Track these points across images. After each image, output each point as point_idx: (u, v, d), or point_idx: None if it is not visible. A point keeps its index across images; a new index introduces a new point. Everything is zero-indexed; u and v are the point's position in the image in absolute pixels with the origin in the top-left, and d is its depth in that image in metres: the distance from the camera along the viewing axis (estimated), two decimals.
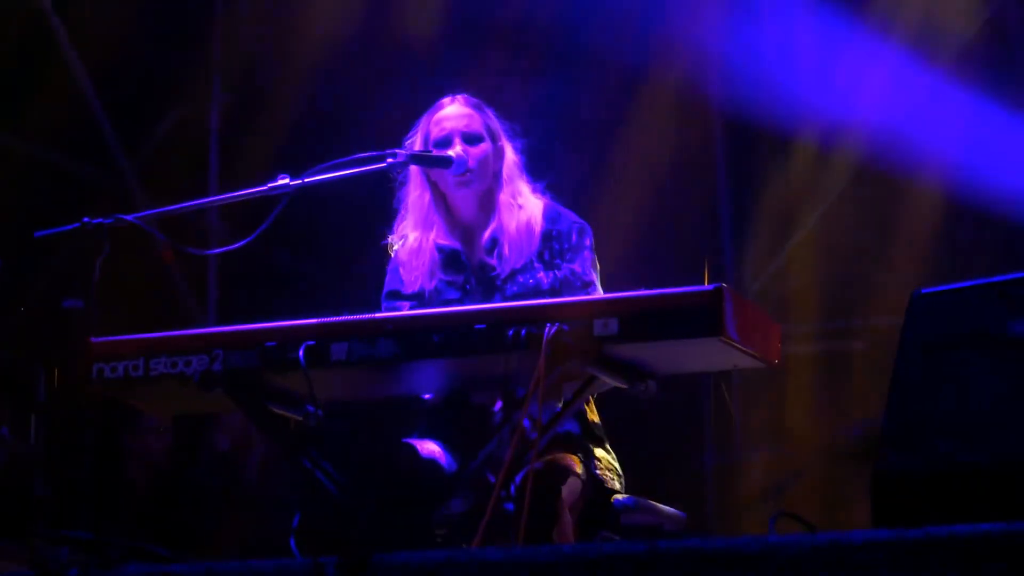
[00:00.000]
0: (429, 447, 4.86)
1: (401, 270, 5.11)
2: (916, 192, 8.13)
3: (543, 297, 4.81)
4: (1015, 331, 3.35)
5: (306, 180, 4.72)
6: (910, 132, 8.01)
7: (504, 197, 5.07)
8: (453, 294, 5.01)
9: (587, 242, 5.02)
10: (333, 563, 3.49)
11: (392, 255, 5.17)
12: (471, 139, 5.06)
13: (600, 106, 8.53)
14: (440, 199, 5.12)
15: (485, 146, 5.07)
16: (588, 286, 4.93)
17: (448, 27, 8.37)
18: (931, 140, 7.97)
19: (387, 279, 5.16)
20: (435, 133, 5.09)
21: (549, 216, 5.05)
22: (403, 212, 5.17)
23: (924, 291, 3.81)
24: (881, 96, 8.14)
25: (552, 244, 5.00)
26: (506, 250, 5.00)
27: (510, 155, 5.13)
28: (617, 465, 4.95)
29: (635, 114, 8.56)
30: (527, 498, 4.24)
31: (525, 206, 5.07)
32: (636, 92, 8.56)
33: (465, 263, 5.06)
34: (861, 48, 8.15)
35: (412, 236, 5.12)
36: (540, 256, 4.99)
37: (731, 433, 8.44)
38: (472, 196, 5.07)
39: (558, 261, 4.98)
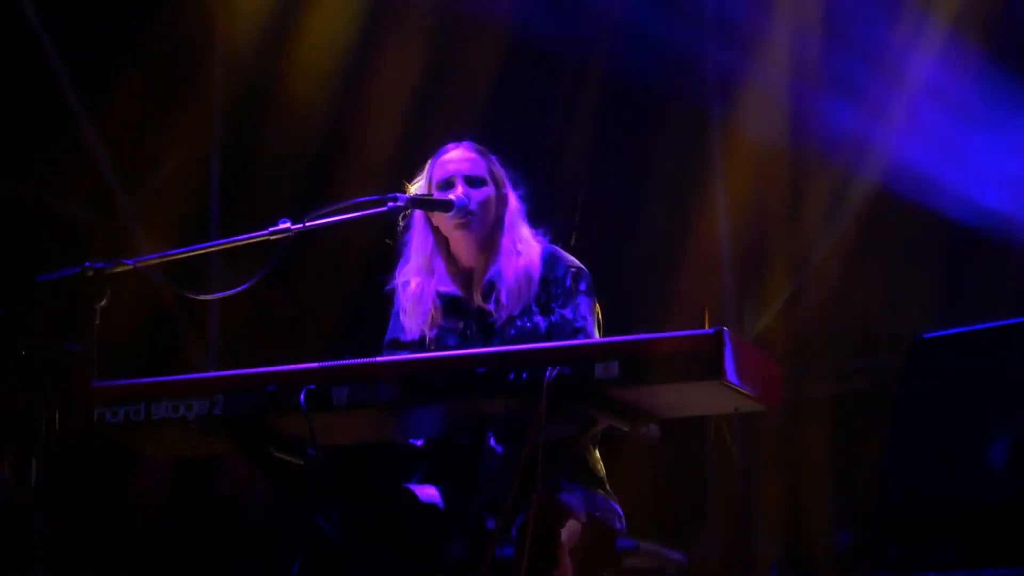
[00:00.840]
0: (428, 492, 4.85)
1: (402, 316, 5.11)
2: (928, 226, 8.12)
3: (541, 341, 4.80)
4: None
5: (307, 224, 4.73)
6: (926, 165, 8.01)
7: (505, 243, 5.07)
8: (453, 340, 5.01)
9: (582, 287, 5.01)
10: None
11: (394, 301, 5.17)
12: (474, 182, 5.08)
13: (596, 135, 8.54)
14: (442, 243, 5.12)
15: (487, 190, 5.09)
16: (578, 332, 4.91)
17: (448, 57, 8.40)
18: (948, 174, 7.96)
19: (389, 327, 5.16)
20: (439, 175, 5.11)
21: (547, 261, 5.05)
22: (406, 255, 5.18)
23: (925, 336, 3.82)
24: (897, 128, 8.13)
25: (549, 289, 5.00)
26: (503, 297, 5.00)
27: (513, 202, 5.14)
28: (617, 506, 4.94)
29: (634, 142, 8.56)
30: (527, 541, 4.23)
31: (525, 252, 5.07)
32: (634, 118, 8.56)
33: (464, 309, 5.06)
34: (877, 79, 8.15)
35: (414, 282, 5.12)
36: (538, 300, 4.99)
37: (734, 475, 8.42)
38: (472, 239, 5.07)
39: (553, 305, 4.98)
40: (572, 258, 5.09)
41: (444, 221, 5.06)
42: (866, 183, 8.28)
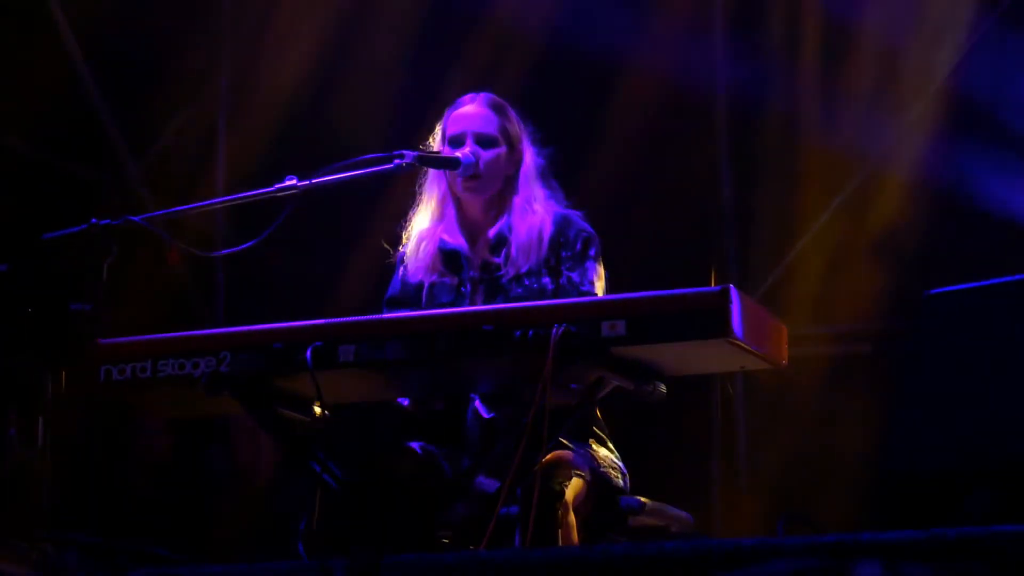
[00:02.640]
0: (429, 451, 4.86)
1: (407, 261, 5.11)
2: (923, 191, 8.11)
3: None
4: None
5: (314, 181, 4.72)
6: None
7: (518, 201, 5.05)
8: (446, 297, 5.00)
9: (591, 252, 4.99)
10: (343, 566, 3.48)
11: (396, 258, 5.17)
12: (484, 141, 5.05)
13: (598, 105, 8.51)
14: (452, 195, 5.11)
15: (498, 150, 5.05)
16: (584, 296, 4.90)
17: (455, 24, 8.38)
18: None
19: (390, 283, 5.16)
20: (451, 130, 5.09)
21: (559, 224, 5.03)
22: (418, 200, 5.17)
23: (933, 292, 3.82)
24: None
25: (559, 252, 4.99)
26: (513, 251, 4.98)
27: (528, 160, 5.11)
28: (620, 463, 4.95)
29: (635, 111, 8.53)
30: (534, 500, 4.24)
31: (539, 212, 5.05)
32: (637, 88, 8.53)
33: (465, 264, 5.04)
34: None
35: (422, 226, 5.11)
36: (547, 263, 4.98)
37: (738, 434, 8.43)
38: (479, 198, 5.06)
39: (562, 268, 4.97)
40: (584, 223, 5.06)
41: (451, 177, 5.05)
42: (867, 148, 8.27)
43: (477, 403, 4.85)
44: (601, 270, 5.01)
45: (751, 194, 8.54)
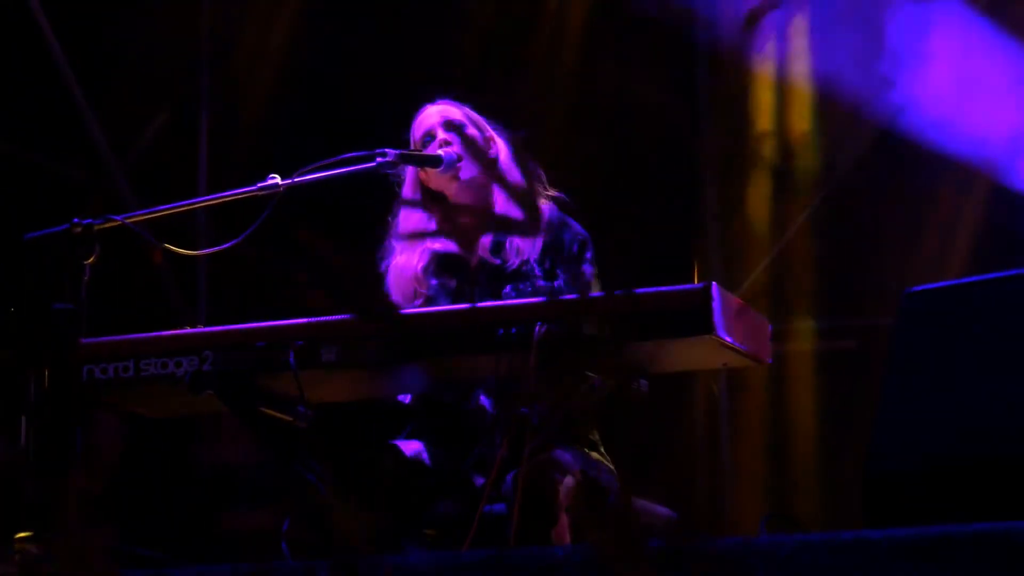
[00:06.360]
0: (413, 447, 4.85)
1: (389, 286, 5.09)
2: (915, 187, 8.12)
3: None
4: None
5: (296, 180, 4.72)
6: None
7: (504, 190, 5.05)
8: (444, 300, 4.98)
9: (587, 255, 4.99)
10: (326, 566, 3.48)
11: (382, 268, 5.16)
12: (453, 126, 5.06)
13: (579, 93, 8.52)
14: (436, 203, 5.09)
15: (471, 131, 5.07)
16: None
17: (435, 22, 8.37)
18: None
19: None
20: (418, 134, 5.10)
21: (555, 227, 5.03)
22: (394, 227, 5.15)
23: (914, 289, 3.82)
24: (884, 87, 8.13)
25: (554, 255, 4.98)
26: (516, 239, 4.97)
27: (501, 145, 5.12)
28: (610, 465, 4.94)
29: (615, 100, 8.53)
30: (517, 497, 4.24)
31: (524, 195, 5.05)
32: (616, 72, 8.53)
33: (462, 266, 5.03)
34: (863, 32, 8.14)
35: (400, 253, 5.09)
36: (541, 262, 4.97)
37: (721, 432, 8.44)
38: (468, 189, 5.03)
39: (557, 271, 4.96)
40: (579, 226, 5.06)
41: (435, 177, 5.03)
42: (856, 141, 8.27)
43: (483, 398, 4.84)
44: (595, 272, 5.01)
45: (734, 189, 8.55)
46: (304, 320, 4.36)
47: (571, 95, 8.43)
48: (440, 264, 5.04)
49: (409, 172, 5.10)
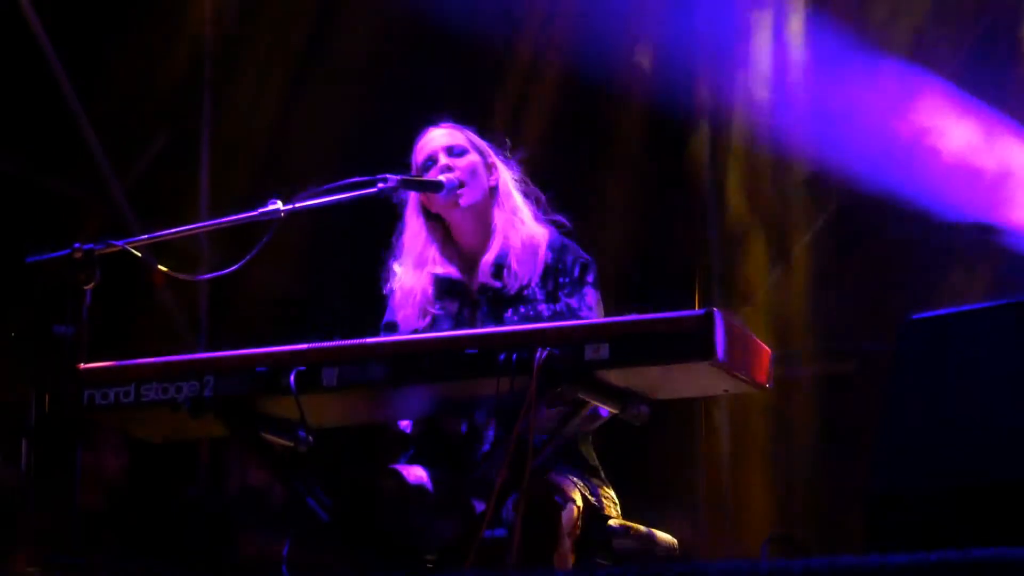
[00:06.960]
0: (416, 473, 4.85)
1: (396, 308, 5.08)
2: (901, 213, 8.13)
3: None
4: None
5: (297, 205, 4.72)
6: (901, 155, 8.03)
7: (503, 214, 5.05)
8: (447, 325, 4.98)
9: (589, 278, 4.98)
10: None
11: (386, 289, 5.15)
12: (456, 152, 5.06)
13: (581, 120, 8.54)
14: (438, 227, 5.09)
15: (472, 157, 5.06)
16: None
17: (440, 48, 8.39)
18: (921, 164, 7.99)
19: (387, 309, 5.13)
20: (420, 158, 5.09)
21: (556, 250, 5.02)
22: (399, 246, 5.15)
23: (916, 316, 3.83)
24: (874, 119, 8.15)
25: (557, 278, 4.97)
26: (514, 265, 4.96)
27: (503, 170, 5.12)
28: (613, 494, 4.93)
29: (618, 131, 8.55)
30: (517, 522, 4.23)
31: (527, 221, 5.05)
32: (619, 106, 8.55)
33: (462, 291, 5.02)
34: (854, 70, 8.17)
35: (405, 275, 5.09)
36: (543, 285, 4.97)
37: (722, 457, 8.44)
38: (469, 215, 5.03)
39: (560, 295, 4.95)
40: (580, 249, 5.06)
41: (436, 201, 5.04)
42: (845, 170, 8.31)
43: (488, 428, 4.84)
44: (600, 296, 5.00)
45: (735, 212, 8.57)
46: (304, 345, 4.35)
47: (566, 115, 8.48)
48: (441, 288, 5.04)
49: (411, 195, 5.10)
